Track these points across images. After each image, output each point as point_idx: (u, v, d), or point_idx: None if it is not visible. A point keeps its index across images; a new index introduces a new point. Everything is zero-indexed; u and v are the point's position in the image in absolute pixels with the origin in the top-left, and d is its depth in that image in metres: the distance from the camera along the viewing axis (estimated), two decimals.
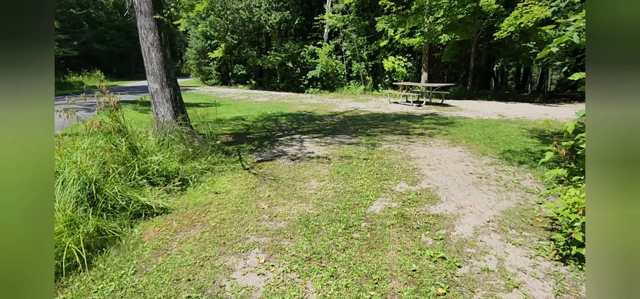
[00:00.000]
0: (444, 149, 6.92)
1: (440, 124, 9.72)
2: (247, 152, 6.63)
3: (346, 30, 20.16)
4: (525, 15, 13.29)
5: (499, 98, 18.00)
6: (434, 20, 17.35)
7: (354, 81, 20.92)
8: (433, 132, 8.59)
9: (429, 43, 18.52)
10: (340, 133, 8.57)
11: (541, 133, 8.55)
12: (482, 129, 8.90)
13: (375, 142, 7.48)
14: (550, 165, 5.81)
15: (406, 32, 17.90)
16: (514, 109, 12.95)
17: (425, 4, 17.04)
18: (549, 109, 13.13)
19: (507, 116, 11.18)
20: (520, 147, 7.05)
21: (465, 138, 7.86)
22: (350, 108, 13.49)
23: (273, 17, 21.40)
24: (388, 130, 8.90)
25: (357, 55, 20.15)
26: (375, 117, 11.19)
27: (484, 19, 16.28)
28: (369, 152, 6.53)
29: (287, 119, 10.92)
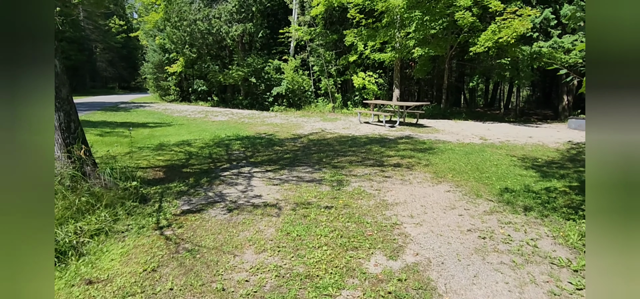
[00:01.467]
0: (428, 187, 5.52)
1: (418, 150, 8.39)
2: (173, 197, 4.98)
3: (313, 44, 18.85)
4: (504, 30, 12.36)
5: (473, 117, 17.10)
6: (406, 35, 16.33)
7: (323, 98, 19.57)
8: (411, 161, 7.22)
9: (401, 58, 17.47)
10: (301, 164, 7.05)
11: (534, 162, 7.35)
12: (467, 158, 7.62)
13: (342, 177, 6.00)
14: (564, 212, 4.51)
15: (377, 47, 16.77)
16: (495, 131, 11.89)
17: (397, 17, 15.99)
18: (531, 131, 12.15)
19: (489, 140, 10.02)
20: (517, 183, 5.76)
21: (451, 171, 6.51)
22: (316, 129, 12.03)
23: (234, 29, 19.83)
24: (358, 159, 7.46)
25: (325, 71, 18.84)
26: (343, 141, 9.76)
27: (458, 34, 15.37)
28: (334, 196, 5.03)
29: (241, 144, 9.31)
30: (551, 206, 4.72)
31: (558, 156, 7.94)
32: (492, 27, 12.93)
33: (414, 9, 14.07)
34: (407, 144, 9.27)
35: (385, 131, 11.75)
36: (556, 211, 4.55)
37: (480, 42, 13.08)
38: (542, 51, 14.87)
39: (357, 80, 17.55)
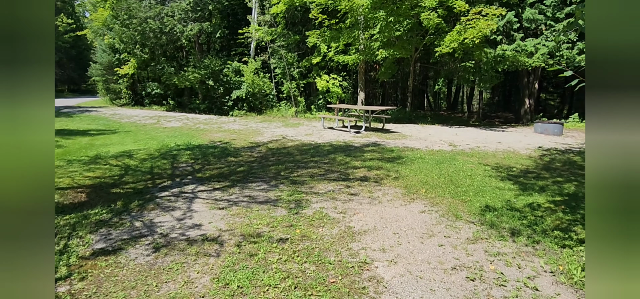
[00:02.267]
0: (400, 207, 4.79)
1: (386, 159, 7.70)
2: (88, 230, 3.96)
3: (274, 45, 17.92)
4: (469, 31, 12.00)
5: (439, 121, 16.80)
6: (370, 37, 15.76)
7: (285, 102, 18.68)
8: (379, 174, 6.50)
9: (365, 61, 16.90)
10: (256, 179, 6.15)
11: (509, 172, 6.84)
12: (439, 168, 7.01)
13: (301, 196, 5.16)
14: (557, 236, 3.91)
15: (340, 49, 16.10)
16: (462, 136, 11.47)
17: (361, 18, 15.40)
18: (499, 136, 11.84)
19: (459, 146, 9.53)
20: (497, 199, 5.16)
21: (423, 185, 5.84)
22: (276, 136, 11.14)
23: (189, 28, 18.54)
24: (321, 172, 6.66)
25: (287, 74, 17.97)
26: (305, 149, 8.93)
27: (423, 36, 14.97)
28: (290, 223, 4.19)
29: (191, 154, 8.27)
30: (540, 228, 4.11)
31: (532, 164, 7.50)
32: (457, 27, 12.57)
33: (378, 10, 13.50)
34: (374, 152, 8.57)
35: (351, 137, 11.05)
36: (547, 235, 3.93)
37: (445, 43, 12.68)
38: (506, 54, 14.74)
39: (321, 83, 16.80)
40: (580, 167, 7.23)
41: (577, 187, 5.82)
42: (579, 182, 6.14)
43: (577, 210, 4.71)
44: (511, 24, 15.52)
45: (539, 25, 15.33)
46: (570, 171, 6.97)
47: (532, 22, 15.29)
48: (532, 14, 15.13)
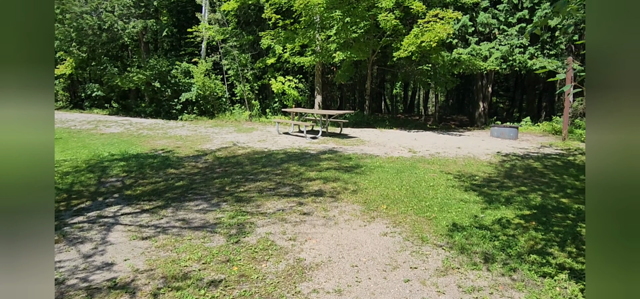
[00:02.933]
0: (359, 230, 4.18)
1: (343, 169, 7.12)
2: None
3: (226, 45, 16.94)
4: (426, 34, 11.76)
5: (397, 124, 16.58)
6: (327, 38, 15.24)
7: (239, 105, 17.73)
8: (336, 187, 5.89)
9: (322, 63, 16.36)
10: (195, 196, 5.33)
11: (472, 181, 6.47)
12: (399, 178, 6.52)
13: (245, 218, 4.43)
14: (534, 262, 3.46)
15: (296, 50, 15.44)
16: (421, 141, 11.17)
17: (316, 19, 14.84)
18: (457, 140, 11.66)
19: (418, 152, 9.15)
20: (463, 214, 4.70)
21: (384, 199, 5.29)
22: (227, 143, 10.27)
23: (131, 25, 17.11)
24: (271, 185, 5.94)
25: (240, 75, 17.04)
26: (257, 158, 8.17)
27: (380, 38, 14.64)
28: (228, 257, 3.45)
29: (125, 166, 7.26)
30: (514, 251, 3.65)
31: (493, 172, 7.21)
32: (414, 30, 12.31)
33: (334, 9, 12.98)
34: (330, 160, 7.97)
35: (307, 143, 10.40)
36: (523, 260, 3.47)
37: (404, 47, 12.38)
38: (462, 58, 14.74)
39: (276, 85, 16.04)
40: (542, 175, 7.01)
41: (542, 198, 5.51)
42: (544, 192, 5.85)
43: (549, 227, 4.32)
44: (466, 28, 15.58)
45: (492, 29, 15.50)
46: (532, 178, 6.72)
47: (486, 27, 15.43)
48: (485, 19, 15.25)
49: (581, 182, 6.48)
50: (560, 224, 4.40)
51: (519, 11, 15.02)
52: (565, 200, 5.42)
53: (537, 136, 12.93)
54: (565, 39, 14.78)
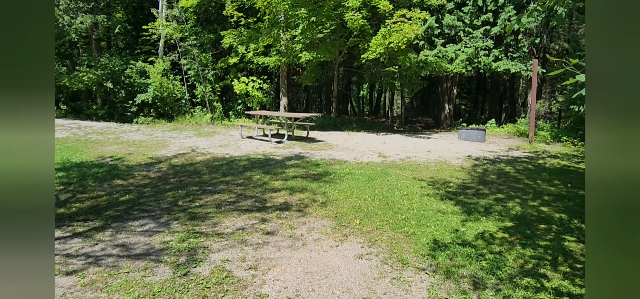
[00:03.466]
0: (331, 252, 3.67)
1: (311, 177, 6.59)
2: None
3: (185, 44, 15.98)
4: (394, 34, 11.46)
5: (365, 127, 16.26)
6: (292, 38, 14.68)
7: (200, 108, 16.79)
8: (303, 198, 5.35)
9: (288, 63, 15.78)
10: (142, 214, 4.62)
11: (446, 188, 6.13)
12: (371, 186, 6.07)
13: (198, 242, 3.80)
14: (528, 286, 3.08)
15: (260, 50, 14.77)
16: (390, 144, 10.84)
17: (281, 18, 14.25)
18: (426, 143, 11.43)
19: (389, 157, 8.78)
20: (443, 229, 4.30)
21: (356, 212, 4.80)
22: (185, 148, 9.48)
23: (79, 21, 15.80)
24: (232, 198, 5.31)
25: (201, 76, 16.14)
26: (217, 166, 7.49)
27: (347, 38, 14.25)
28: (172, 294, 2.83)
29: (63, 178, 6.38)
30: (505, 273, 3.26)
31: (467, 178, 6.92)
32: (382, 31, 11.98)
33: (299, 7, 12.43)
34: (297, 167, 7.42)
35: (272, 148, 9.79)
36: (516, 284, 3.08)
37: (372, 48, 12.02)
38: (429, 60, 14.62)
39: (239, 86, 15.28)
40: (516, 180, 6.79)
41: (521, 206, 5.23)
42: (521, 199, 5.58)
43: (535, 241, 3.99)
44: (432, 30, 15.50)
45: (458, 31, 15.51)
46: (507, 184, 6.47)
47: (452, 29, 15.42)
48: (451, 21, 15.23)
49: (556, 187, 6.29)
50: (546, 238, 4.08)
51: (484, 14, 15.11)
52: (544, 208, 5.15)
53: (504, 138, 12.97)
54: (528, 41, 15.00)
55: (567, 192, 5.95)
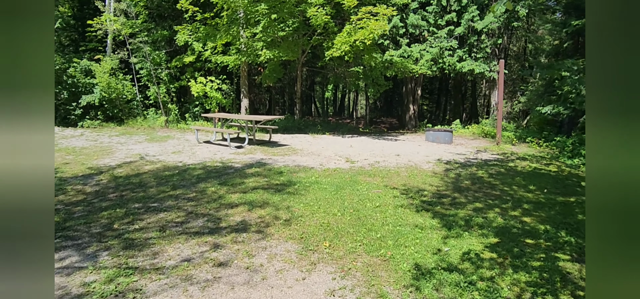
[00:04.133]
0: (296, 286, 3.04)
1: (273, 189, 5.92)
2: None
3: (136, 41, 14.77)
4: (360, 31, 10.98)
5: (329, 129, 15.74)
6: (253, 36, 13.90)
7: (154, 110, 15.60)
8: (264, 215, 4.68)
9: (248, 63, 14.97)
10: (64, 243, 3.77)
11: (421, 197, 5.66)
12: (340, 197, 5.50)
13: (130, 282, 3.05)
14: None
15: (219, 49, 13.87)
16: (357, 148, 10.34)
17: (240, 14, 13.44)
18: (393, 146, 11.04)
19: (357, 162, 8.26)
20: (423, 248, 3.79)
21: (325, 231, 4.20)
22: (132, 156, 8.50)
23: None
24: (180, 217, 4.55)
25: (153, 76, 14.98)
26: (167, 177, 6.64)
27: (311, 36, 13.65)
28: None
29: None
30: None
31: (441, 184, 6.50)
32: (347, 28, 11.48)
33: (259, 3, 11.67)
34: (258, 176, 6.72)
35: (231, 153, 9.01)
36: None
37: (336, 45, 11.48)
38: (394, 60, 14.31)
39: (196, 87, 14.28)
40: (491, 186, 6.45)
41: (502, 217, 4.83)
42: (501, 209, 5.20)
43: (527, 261, 3.55)
44: (397, 29, 15.23)
45: (422, 31, 15.33)
46: (483, 191, 6.10)
47: (416, 28, 15.21)
48: (416, 20, 15.02)
49: (534, 194, 5.99)
50: (537, 256, 3.65)
51: (447, 14, 15.00)
52: (527, 219, 4.78)
53: (470, 140, 12.86)
54: (491, 42, 15.05)
55: (545, 200, 5.65)
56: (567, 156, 9.14)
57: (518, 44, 20.81)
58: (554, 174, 7.46)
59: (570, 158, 8.97)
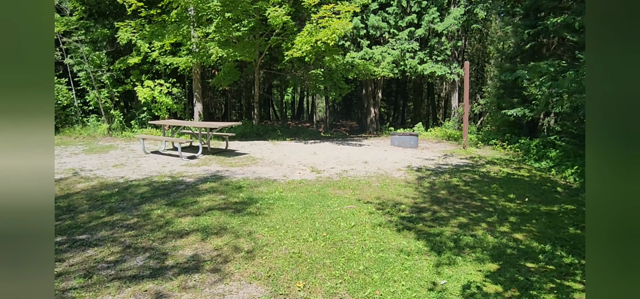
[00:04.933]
0: None
1: (232, 209, 5.11)
2: None
3: (71, 40, 13.24)
4: (321, 31, 10.35)
5: (289, 134, 15.00)
6: (205, 36, 12.88)
7: (96, 117, 14.09)
8: (222, 245, 3.88)
9: (201, 65, 13.90)
10: None
11: (399, 213, 5.10)
12: (309, 216, 4.81)
13: None
14: None
15: (167, 48, 12.71)
16: (322, 155, 9.69)
17: (190, 11, 12.39)
18: (359, 152, 10.50)
19: (323, 171, 7.60)
20: (416, 283, 3.21)
21: (296, 264, 3.48)
22: (64, 171, 7.30)
23: None
24: (114, 255, 3.64)
25: (93, 79, 13.51)
26: (103, 198, 5.62)
27: (268, 37, 12.85)
28: None
29: None
30: None
31: (417, 196, 5.99)
32: (307, 27, 10.81)
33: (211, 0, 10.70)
34: (214, 193, 5.87)
35: (182, 165, 8.04)
36: None
37: (297, 45, 10.76)
38: (356, 62, 13.84)
39: (143, 91, 13.00)
40: (470, 196, 6.01)
41: (492, 234, 4.35)
42: (487, 223, 4.73)
43: (538, 294, 3.02)
44: (358, 30, 14.79)
45: (383, 33, 15.00)
46: (462, 202, 5.65)
47: (377, 29, 14.86)
48: (376, 21, 14.66)
49: (515, 204, 5.61)
50: (547, 287, 3.15)
51: (408, 15, 14.77)
52: (518, 235, 4.33)
53: (434, 143, 12.63)
54: (451, 44, 15.00)
55: (529, 210, 5.27)
56: (534, 158, 9.01)
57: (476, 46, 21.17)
58: (528, 179, 7.21)
59: (537, 161, 8.84)
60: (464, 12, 14.32)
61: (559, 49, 10.58)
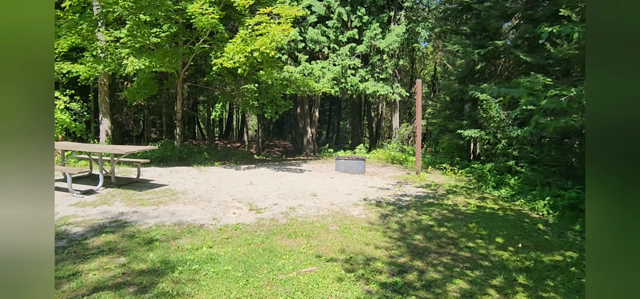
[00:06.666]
0: None
1: (135, 286, 3.37)
2: None
3: None
4: (258, 39, 8.86)
5: (218, 157, 13.13)
6: (115, 41, 10.71)
7: None
8: None
9: (111, 74, 11.59)
10: None
11: (375, 275, 3.76)
12: (254, 291, 3.27)
13: None
14: None
15: (63, 51, 10.28)
16: (260, 185, 8.10)
17: (94, 9, 10.18)
18: (303, 180, 9.07)
19: (265, 209, 6.05)
20: None
21: None
22: None
23: None
24: None
25: None
26: None
27: (194, 44, 11.02)
28: None
29: None
30: None
31: (390, 244, 4.71)
32: (241, 33, 9.22)
33: None
34: (110, 254, 4.04)
35: (71, 205, 5.95)
36: None
37: (227, 54, 9.10)
38: (294, 77, 12.52)
39: None
40: (452, 242, 4.88)
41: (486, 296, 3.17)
42: (495, 289, 3.56)
43: None
44: (296, 43, 13.53)
45: (322, 47, 13.92)
46: (448, 253, 4.48)
47: (316, 44, 13.74)
48: (315, 35, 13.55)
49: (509, 252, 4.56)
50: None
51: (349, 30, 13.89)
52: None
53: (380, 167, 11.66)
54: (392, 62, 14.38)
55: (532, 263, 4.24)
56: (492, 186, 8.34)
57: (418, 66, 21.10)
58: (502, 214, 6.35)
59: (495, 189, 8.17)
60: (405, 31, 13.79)
61: (514, 70, 10.28)
